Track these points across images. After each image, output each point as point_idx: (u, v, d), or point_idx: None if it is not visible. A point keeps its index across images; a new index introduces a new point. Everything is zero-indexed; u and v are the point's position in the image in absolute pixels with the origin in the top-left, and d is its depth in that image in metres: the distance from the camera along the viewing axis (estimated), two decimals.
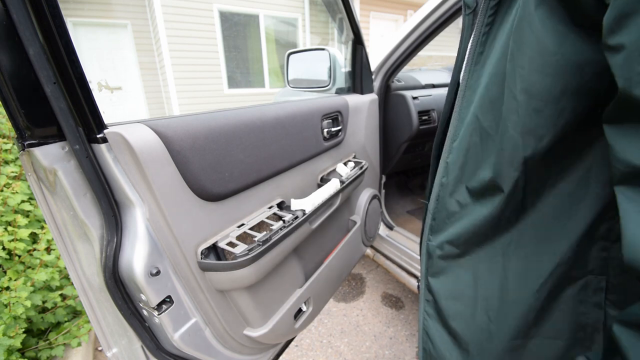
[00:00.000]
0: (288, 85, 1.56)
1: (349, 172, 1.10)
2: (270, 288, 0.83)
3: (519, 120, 0.38)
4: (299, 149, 0.93)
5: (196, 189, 0.65)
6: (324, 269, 1.03)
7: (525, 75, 0.36)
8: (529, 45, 0.36)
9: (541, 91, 0.36)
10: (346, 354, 1.65)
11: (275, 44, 7.42)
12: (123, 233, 0.58)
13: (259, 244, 0.69)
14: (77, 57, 0.49)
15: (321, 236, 1.08)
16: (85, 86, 0.51)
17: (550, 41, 0.34)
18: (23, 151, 0.50)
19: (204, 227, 0.68)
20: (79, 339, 1.39)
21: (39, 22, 0.45)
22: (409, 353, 1.64)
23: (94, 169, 0.54)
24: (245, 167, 0.75)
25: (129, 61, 6.32)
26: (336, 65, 1.34)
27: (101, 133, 0.54)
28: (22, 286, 1.24)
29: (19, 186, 1.41)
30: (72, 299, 1.47)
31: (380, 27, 8.77)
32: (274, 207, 0.85)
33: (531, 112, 0.37)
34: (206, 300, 0.71)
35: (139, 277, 0.57)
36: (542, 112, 0.36)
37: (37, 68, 0.46)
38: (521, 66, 0.37)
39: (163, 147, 0.58)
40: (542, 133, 0.37)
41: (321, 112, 1.02)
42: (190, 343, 0.68)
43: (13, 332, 1.17)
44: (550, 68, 0.34)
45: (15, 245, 1.28)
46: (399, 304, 2.01)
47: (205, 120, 0.67)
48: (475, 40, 0.47)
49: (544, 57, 0.35)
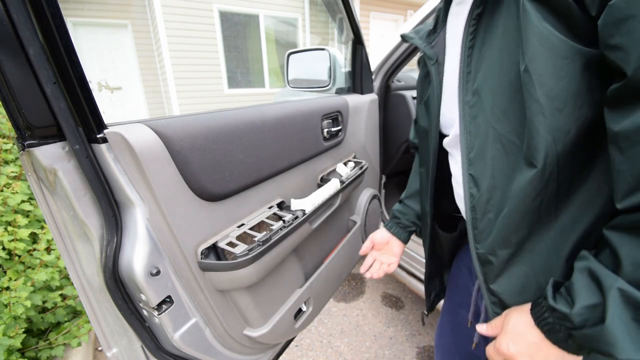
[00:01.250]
0: (288, 85, 1.56)
1: (349, 172, 1.10)
2: (270, 288, 0.83)
3: (546, 120, 0.42)
4: (299, 149, 0.93)
5: (196, 189, 0.65)
6: (324, 269, 1.03)
7: (544, 81, 0.41)
8: (541, 55, 0.41)
9: (559, 93, 0.41)
10: (346, 354, 1.65)
11: (275, 44, 7.42)
12: (123, 233, 0.58)
13: (259, 244, 0.69)
14: (77, 57, 0.49)
15: (321, 236, 1.08)
16: (85, 86, 0.51)
17: (558, 49, 0.40)
18: (23, 151, 0.50)
19: (204, 227, 0.68)
20: (79, 339, 1.39)
21: (39, 22, 0.45)
22: (409, 353, 1.64)
23: (94, 169, 0.54)
24: (245, 167, 0.75)
25: (129, 61, 6.32)
26: (336, 65, 1.34)
27: (101, 133, 0.54)
28: (22, 286, 1.24)
29: (19, 186, 1.41)
30: (72, 299, 1.47)
31: (380, 27, 8.77)
32: (274, 207, 0.85)
33: (554, 112, 0.42)
34: (206, 300, 0.71)
35: (139, 277, 0.57)
36: (563, 111, 0.42)
37: (37, 68, 0.46)
38: (539, 74, 0.41)
39: (163, 147, 0.58)
40: (567, 128, 0.42)
41: (321, 112, 1.02)
42: (190, 343, 0.68)
43: (13, 332, 1.17)
44: (563, 71, 0.40)
45: (15, 245, 1.28)
46: (399, 304, 2.01)
47: (205, 120, 0.67)
48: (462, 61, 0.53)
49: (556, 63, 0.40)
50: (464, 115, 0.54)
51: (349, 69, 1.33)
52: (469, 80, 0.52)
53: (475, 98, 0.52)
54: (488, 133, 0.51)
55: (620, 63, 0.35)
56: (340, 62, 1.35)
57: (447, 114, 0.65)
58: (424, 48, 0.67)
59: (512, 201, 0.49)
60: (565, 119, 0.42)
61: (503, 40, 0.47)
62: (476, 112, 0.52)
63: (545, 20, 0.41)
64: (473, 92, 0.52)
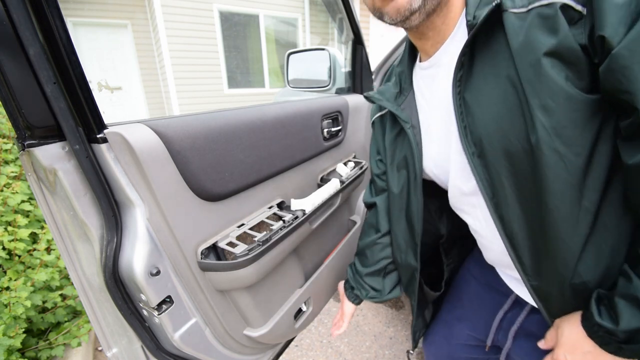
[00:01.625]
0: (288, 85, 1.56)
1: (349, 172, 1.10)
2: (270, 288, 0.83)
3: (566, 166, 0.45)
4: (299, 149, 0.93)
5: (196, 189, 0.65)
6: (324, 269, 1.03)
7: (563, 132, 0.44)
8: (557, 108, 0.43)
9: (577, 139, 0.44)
10: (346, 354, 1.65)
11: (275, 44, 7.42)
12: (123, 233, 0.58)
13: (259, 244, 0.69)
14: (77, 57, 0.49)
15: (321, 236, 1.08)
16: (85, 86, 0.51)
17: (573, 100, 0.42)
18: (23, 151, 0.50)
19: (204, 227, 0.68)
20: (79, 339, 1.39)
21: (39, 22, 0.45)
22: None
23: (94, 169, 0.54)
24: (245, 167, 0.75)
25: (129, 61, 6.31)
26: (336, 65, 1.34)
27: (101, 133, 0.54)
28: (22, 286, 1.24)
29: (19, 186, 1.41)
30: (72, 299, 1.47)
31: (380, 27, 8.76)
32: (274, 207, 0.85)
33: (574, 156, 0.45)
34: (206, 300, 0.71)
35: (139, 277, 0.57)
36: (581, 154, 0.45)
37: (37, 68, 0.46)
38: (554, 127, 0.44)
39: (163, 147, 0.58)
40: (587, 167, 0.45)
41: (321, 112, 1.02)
42: (190, 343, 0.68)
43: (13, 332, 1.17)
44: (579, 120, 0.43)
45: (15, 245, 1.28)
46: (399, 304, 2.01)
47: (205, 120, 0.67)
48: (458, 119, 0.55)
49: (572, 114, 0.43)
50: (474, 165, 0.56)
51: (349, 69, 1.33)
52: (467, 134, 0.55)
53: (479, 149, 0.54)
54: (500, 174, 0.53)
55: (629, 101, 0.38)
56: (340, 62, 1.35)
57: (436, 170, 0.68)
58: (396, 111, 0.69)
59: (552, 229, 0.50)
60: (584, 159, 0.44)
61: (493, 89, 0.50)
62: (485, 161, 0.54)
63: (559, 75, 0.42)
64: (475, 143, 0.54)
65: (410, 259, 0.79)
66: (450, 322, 0.91)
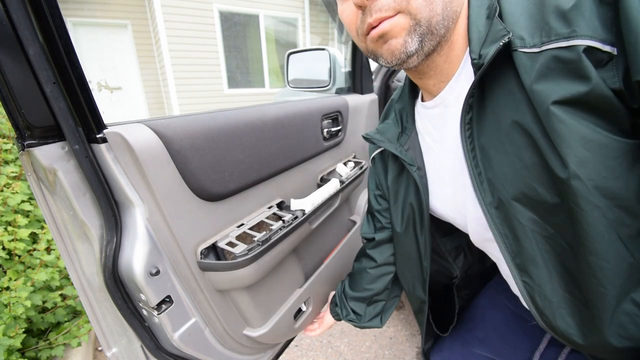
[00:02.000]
0: (288, 85, 1.56)
1: (349, 172, 1.10)
2: (270, 288, 0.83)
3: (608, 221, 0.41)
4: (299, 149, 0.93)
5: (196, 189, 0.65)
6: (323, 269, 1.03)
7: (600, 184, 0.39)
8: (590, 159, 0.39)
9: (618, 192, 0.39)
10: (346, 354, 1.65)
11: (275, 44, 7.42)
12: (123, 233, 0.58)
13: (259, 244, 0.69)
14: (76, 57, 0.49)
15: (321, 236, 1.08)
16: (85, 86, 0.51)
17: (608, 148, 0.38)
18: (23, 151, 0.50)
19: (204, 227, 0.68)
20: (79, 339, 1.39)
21: (39, 22, 0.45)
22: (409, 353, 1.64)
23: (93, 169, 0.54)
24: (245, 167, 0.75)
25: (129, 61, 6.31)
26: (336, 65, 1.34)
27: (101, 133, 0.54)
28: (22, 286, 1.24)
29: (19, 186, 1.41)
30: (72, 299, 1.47)
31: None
32: (273, 207, 0.85)
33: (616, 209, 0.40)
34: (206, 300, 0.71)
35: (138, 277, 0.57)
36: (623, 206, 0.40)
37: (37, 68, 0.46)
38: (592, 178, 0.39)
39: (163, 147, 0.58)
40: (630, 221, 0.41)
41: (321, 112, 1.02)
42: (189, 343, 0.68)
43: (13, 332, 1.17)
44: (617, 171, 0.39)
45: (15, 245, 1.28)
46: (399, 304, 2.01)
47: (205, 120, 0.67)
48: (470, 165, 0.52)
49: (608, 164, 0.39)
50: (492, 217, 0.52)
51: (349, 69, 1.33)
52: (482, 181, 0.51)
53: (496, 199, 0.50)
54: (526, 227, 0.48)
55: None
56: (340, 62, 1.35)
57: (452, 214, 0.64)
58: (400, 154, 0.65)
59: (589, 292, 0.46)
60: (627, 211, 0.40)
61: (508, 133, 0.46)
62: (504, 213, 0.50)
63: (586, 121, 0.38)
64: (491, 192, 0.51)
65: (419, 291, 0.77)
66: (471, 342, 0.85)
